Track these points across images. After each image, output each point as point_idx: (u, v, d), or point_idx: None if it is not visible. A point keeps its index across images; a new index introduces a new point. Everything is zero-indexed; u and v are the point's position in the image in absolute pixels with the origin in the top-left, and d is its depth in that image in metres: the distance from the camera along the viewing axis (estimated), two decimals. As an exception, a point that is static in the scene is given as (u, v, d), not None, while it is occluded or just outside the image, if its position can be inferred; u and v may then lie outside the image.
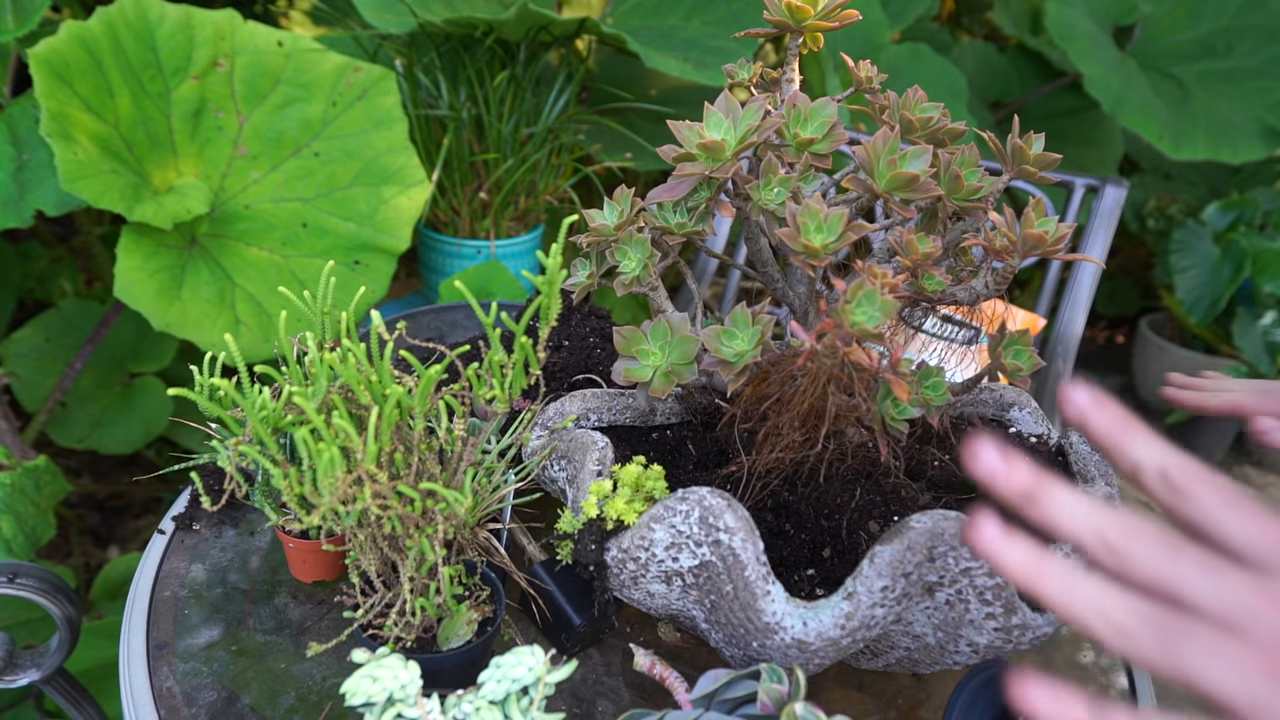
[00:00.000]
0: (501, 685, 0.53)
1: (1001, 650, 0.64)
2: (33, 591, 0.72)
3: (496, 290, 1.43)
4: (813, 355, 0.58)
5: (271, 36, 1.28)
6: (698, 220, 0.70)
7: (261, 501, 0.68)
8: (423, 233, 1.66)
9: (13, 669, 0.75)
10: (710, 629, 0.66)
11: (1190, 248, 2.37)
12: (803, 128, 0.67)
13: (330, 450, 0.54)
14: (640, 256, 0.68)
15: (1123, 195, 1.26)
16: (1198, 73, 2.13)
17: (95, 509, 1.75)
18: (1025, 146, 0.64)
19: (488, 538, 0.68)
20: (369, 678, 0.51)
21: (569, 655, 0.69)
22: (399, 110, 1.32)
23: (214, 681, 0.64)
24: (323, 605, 0.71)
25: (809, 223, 0.60)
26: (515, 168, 1.60)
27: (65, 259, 1.83)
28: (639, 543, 0.63)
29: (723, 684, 0.58)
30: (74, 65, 1.14)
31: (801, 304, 0.72)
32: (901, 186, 0.63)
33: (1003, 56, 2.43)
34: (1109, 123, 2.29)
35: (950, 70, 2.00)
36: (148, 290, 1.13)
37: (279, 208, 1.28)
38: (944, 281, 0.63)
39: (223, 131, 1.27)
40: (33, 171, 1.18)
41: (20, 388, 1.48)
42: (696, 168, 0.64)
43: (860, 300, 0.55)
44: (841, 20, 0.69)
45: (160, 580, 0.72)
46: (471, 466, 0.63)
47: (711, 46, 1.63)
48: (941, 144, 0.68)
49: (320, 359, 0.60)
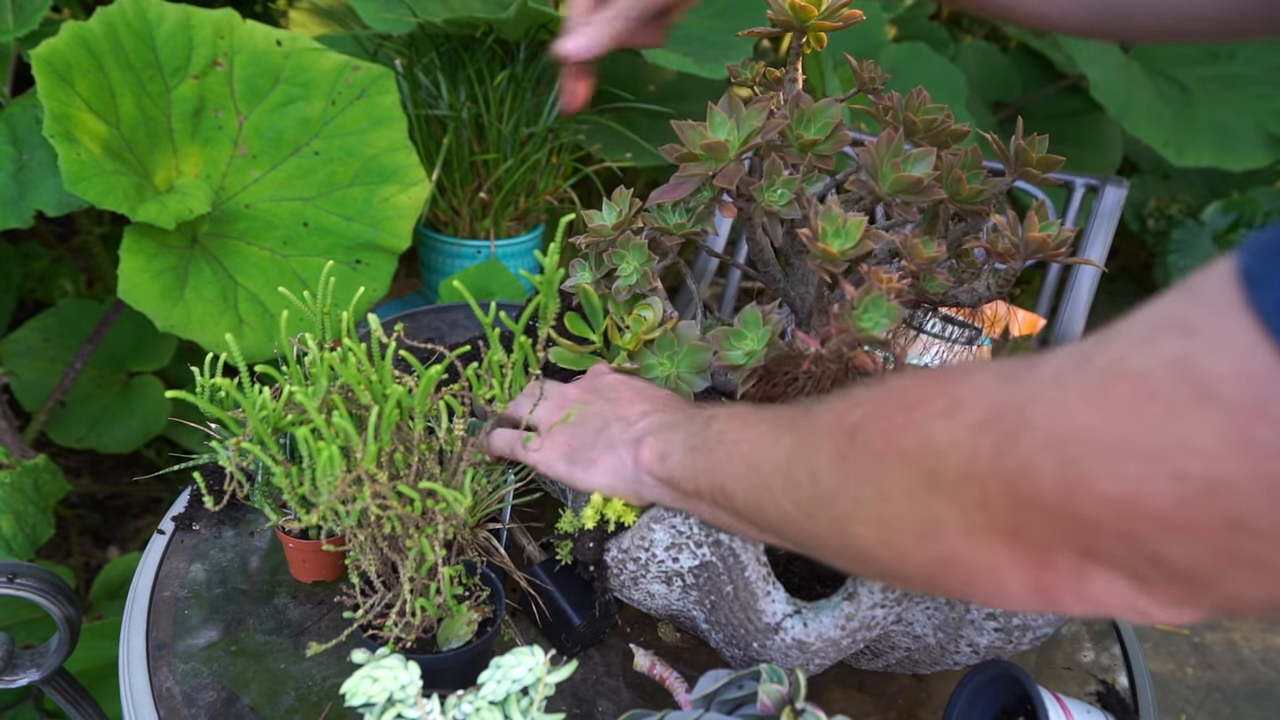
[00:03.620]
0: (501, 686, 0.53)
1: (1002, 651, 0.64)
2: (32, 591, 0.72)
3: (496, 290, 1.43)
4: (817, 359, 0.58)
5: (270, 35, 1.28)
6: (698, 220, 0.70)
7: (261, 501, 0.68)
8: (423, 233, 1.66)
9: (12, 669, 0.75)
10: (710, 629, 0.66)
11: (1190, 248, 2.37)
12: (806, 129, 0.67)
13: (330, 449, 0.54)
14: (638, 262, 0.68)
15: (1123, 196, 1.26)
16: (1200, 77, 2.13)
17: (95, 509, 1.75)
18: (1029, 148, 0.64)
19: (488, 538, 0.68)
20: (369, 678, 0.51)
21: (569, 655, 0.69)
22: (398, 109, 1.32)
23: (214, 682, 0.64)
24: (323, 605, 0.71)
25: (828, 227, 0.59)
26: (515, 167, 1.60)
27: (65, 259, 1.83)
28: (639, 543, 0.63)
29: (723, 684, 0.58)
30: (75, 66, 1.14)
31: (804, 304, 0.72)
32: (905, 189, 0.63)
33: (1004, 57, 2.43)
34: (1109, 124, 2.29)
35: (950, 69, 2.00)
36: (151, 291, 1.13)
37: (279, 207, 1.28)
38: (946, 283, 0.63)
39: (223, 131, 1.27)
40: (33, 171, 1.18)
41: (20, 387, 1.48)
42: (700, 168, 0.64)
43: (867, 306, 0.55)
44: (845, 20, 0.69)
45: (160, 580, 0.72)
46: (471, 466, 0.63)
47: (712, 41, 1.63)
48: (944, 145, 0.68)
49: (321, 359, 0.60)
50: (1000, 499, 0.34)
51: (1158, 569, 0.31)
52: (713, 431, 0.54)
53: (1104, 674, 0.75)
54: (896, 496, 0.39)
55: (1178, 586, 0.31)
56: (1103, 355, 0.31)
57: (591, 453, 0.62)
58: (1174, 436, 0.28)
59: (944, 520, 0.36)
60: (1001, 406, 0.34)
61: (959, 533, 0.36)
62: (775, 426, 0.49)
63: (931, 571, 0.39)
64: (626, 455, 0.60)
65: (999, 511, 0.34)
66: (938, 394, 0.38)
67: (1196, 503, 0.28)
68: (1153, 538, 0.30)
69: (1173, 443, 0.28)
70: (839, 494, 0.42)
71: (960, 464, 0.35)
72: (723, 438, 0.53)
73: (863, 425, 0.42)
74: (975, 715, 0.65)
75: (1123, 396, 0.29)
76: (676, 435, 0.57)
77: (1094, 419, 0.30)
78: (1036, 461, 0.32)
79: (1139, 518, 0.30)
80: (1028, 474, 0.32)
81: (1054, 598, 0.35)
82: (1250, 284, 0.27)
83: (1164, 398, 0.28)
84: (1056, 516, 0.32)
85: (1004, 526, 0.34)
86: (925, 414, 0.37)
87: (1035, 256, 0.60)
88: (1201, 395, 0.27)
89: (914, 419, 0.38)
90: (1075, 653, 0.77)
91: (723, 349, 0.65)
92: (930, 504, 0.37)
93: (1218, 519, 0.28)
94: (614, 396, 0.65)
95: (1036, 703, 0.60)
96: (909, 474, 0.38)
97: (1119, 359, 0.30)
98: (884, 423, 0.40)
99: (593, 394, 0.66)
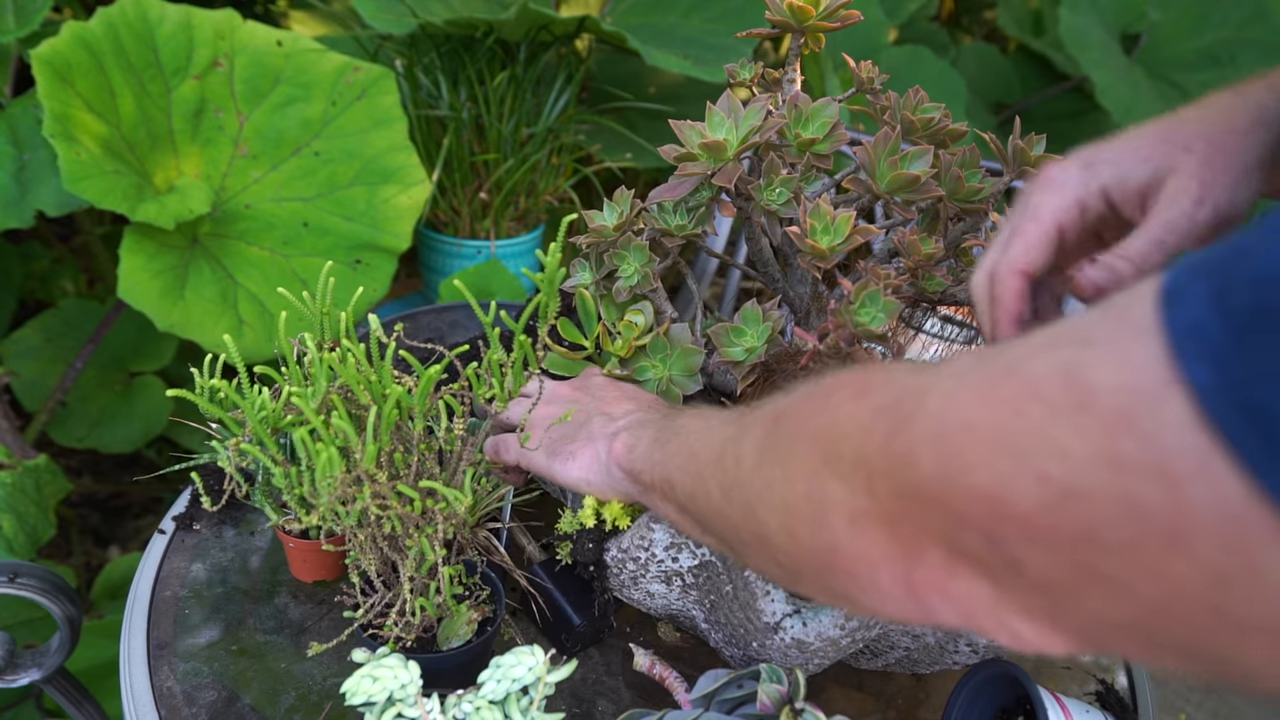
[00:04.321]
0: (501, 685, 0.53)
1: (1001, 650, 0.64)
2: (34, 591, 0.72)
3: (496, 290, 1.44)
4: (815, 355, 0.58)
5: (271, 36, 1.28)
6: (698, 221, 0.70)
7: (262, 501, 0.68)
8: (423, 233, 1.66)
9: (14, 668, 0.75)
10: (710, 629, 0.66)
11: (1189, 248, 2.36)
12: (804, 128, 0.67)
13: (328, 450, 0.54)
14: (638, 263, 0.68)
15: (1123, 196, 1.26)
16: (1202, 82, 2.13)
17: (96, 509, 1.75)
18: (1026, 148, 0.64)
19: (488, 537, 0.68)
20: (369, 677, 0.51)
21: (569, 655, 0.69)
22: (398, 109, 1.32)
23: (214, 681, 0.65)
24: (323, 605, 0.71)
25: (816, 224, 0.60)
26: (515, 168, 1.60)
27: (66, 259, 1.83)
28: (639, 543, 0.63)
29: (722, 684, 0.58)
30: (76, 66, 1.14)
31: (803, 304, 0.72)
32: (902, 187, 0.63)
33: (1004, 59, 2.43)
34: (1110, 125, 2.29)
35: (949, 72, 2.00)
36: (151, 291, 1.13)
37: (280, 207, 1.28)
38: (945, 282, 0.63)
39: (223, 131, 1.28)
40: (34, 172, 1.18)
41: (21, 387, 1.48)
42: (698, 167, 0.64)
43: (864, 301, 0.55)
44: (843, 21, 0.69)
45: (161, 580, 0.72)
46: (471, 466, 0.63)
47: (711, 43, 1.63)
48: (943, 145, 0.68)
49: (320, 359, 0.60)
50: (884, 484, 0.34)
51: (1018, 575, 0.31)
52: (675, 425, 0.55)
53: (1103, 673, 0.75)
54: (798, 479, 0.39)
55: (1037, 597, 0.31)
56: (1005, 356, 0.31)
57: (571, 445, 0.62)
58: (1046, 440, 0.28)
59: (835, 506, 0.37)
60: (903, 392, 0.34)
61: (845, 519, 0.36)
62: (726, 420, 0.50)
63: (820, 563, 0.39)
64: (603, 449, 0.61)
65: (882, 497, 0.34)
66: (857, 379, 0.38)
67: (1057, 508, 0.28)
68: (1015, 539, 0.30)
69: (1043, 446, 0.28)
70: (754, 476, 0.43)
71: (856, 447, 0.35)
72: (679, 430, 0.54)
73: (788, 409, 0.42)
74: (974, 714, 0.65)
75: (1009, 395, 0.30)
76: (648, 431, 0.58)
77: (979, 414, 0.30)
78: (920, 449, 0.32)
79: (1004, 517, 0.30)
80: (911, 461, 0.32)
81: (923, 597, 0.35)
82: (1166, 303, 0.27)
83: (1046, 401, 0.28)
84: (932, 507, 0.32)
85: (885, 513, 0.35)
86: (840, 398, 0.38)
87: (1034, 256, 0.60)
88: (1080, 403, 0.27)
89: (830, 403, 0.39)
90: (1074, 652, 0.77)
91: (723, 346, 0.65)
92: (826, 487, 0.37)
93: (1076, 528, 0.28)
94: (602, 395, 0.66)
95: (1035, 702, 0.60)
96: (813, 456, 0.38)
97: (1018, 361, 0.30)
98: (804, 405, 0.41)
99: (582, 391, 0.67)
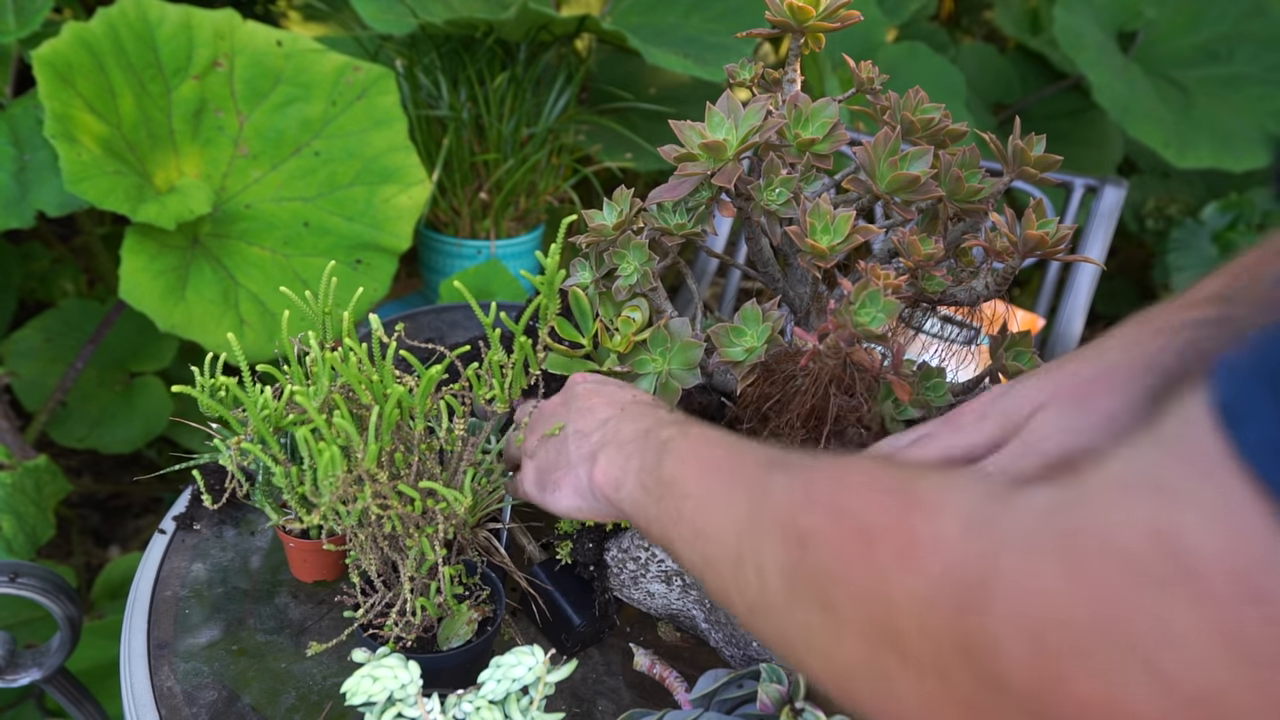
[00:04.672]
0: (501, 685, 0.53)
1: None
2: (34, 591, 0.72)
3: (496, 290, 1.44)
4: (815, 355, 0.58)
5: (270, 36, 1.28)
6: (698, 221, 0.70)
7: (262, 501, 0.68)
8: (423, 233, 1.67)
9: (14, 668, 0.75)
10: (710, 629, 0.66)
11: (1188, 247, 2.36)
12: (804, 128, 0.67)
13: (331, 449, 0.54)
14: (638, 262, 0.68)
15: (1122, 196, 1.26)
16: (1199, 78, 2.13)
17: (96, 509, 1.75)
18: (1026, 148, 0.64)
19: (488, 538, 0.68)
20: (369, 677, 0.51)
21: (569, 655, 0.69)
22: (398, 109, 1.32)
23: (214, 681, 0.65)
24: (323, 605, 0.71)
25: (816, 224, 0.60)
26: (515, 168, 1.60)
27: (66, 259, 1.83)
28: (639, 542, 0.63)
29: (722, 684, 0.58)
30: (76, 66, 1.14)
31: (803, 304, 0.72)
32: (902, 188, 0.63)
33: (1003, 58, 2.43)
34: (1109, 124, 2.29)
35: (949, 69, 2.00)
36: (152, 291, 1.13)
37: (280, 207, 1.28)
38: (945, 282, 0.64)
39: (223, 131, 1.28)
40: (34, 172, 1.19)
41: (21, 387, 1.48)
42: (698, 167, 0.64)
43: (864, 301, 0.55)
44: (843, 20, 0.69)
45: (161, 580, 0.72)
46: (471, 466, 0.63)
47: (711, 43, 1.63)
48: (943, 145, 0.68)
49: (322, 358, 0.60)
50: (962, 671, 0.30)
51: None
52: (665, 475, 0.50)
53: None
54: (850, 641, 0.35)
55: None
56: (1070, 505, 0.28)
57: (554, 474, 0.60)
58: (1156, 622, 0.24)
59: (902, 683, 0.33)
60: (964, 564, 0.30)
61: (916, 700, 0.32)
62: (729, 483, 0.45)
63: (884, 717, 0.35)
64: (583, 474, 0.57)
65: (958, 684, 0.30)
66: (896, 525, 0.34)
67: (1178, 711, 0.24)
68: None
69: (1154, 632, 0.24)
70: (787, 612, 0.38)
71: (918, 624, 0.32)
72: (674, 487, 0.49)
73: (814, 536, 0.37)
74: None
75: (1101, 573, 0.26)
76: (630, 463, 0.54)
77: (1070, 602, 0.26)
78: (1006, 641, 0.28)
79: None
80: (997, 652, 0.28)
81: None
82: (1231, 423, 0.23)
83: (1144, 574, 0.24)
84: (1025, 703, 0.28)
85: (962, 698, 0.30)
86: (883, 553, 0.34)
87: (1034, 254, 0.60)
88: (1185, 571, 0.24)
89: (872, 556, 0.34)
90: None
91: (722, 345, 0.65)
92: (886, 663, 0.33)
93: None
94: (579, 407, 0.62)
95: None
96: (861, 619, 0.34)
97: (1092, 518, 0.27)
98: (837, 546, 0.36)
99: (563, 407, 0.63)
